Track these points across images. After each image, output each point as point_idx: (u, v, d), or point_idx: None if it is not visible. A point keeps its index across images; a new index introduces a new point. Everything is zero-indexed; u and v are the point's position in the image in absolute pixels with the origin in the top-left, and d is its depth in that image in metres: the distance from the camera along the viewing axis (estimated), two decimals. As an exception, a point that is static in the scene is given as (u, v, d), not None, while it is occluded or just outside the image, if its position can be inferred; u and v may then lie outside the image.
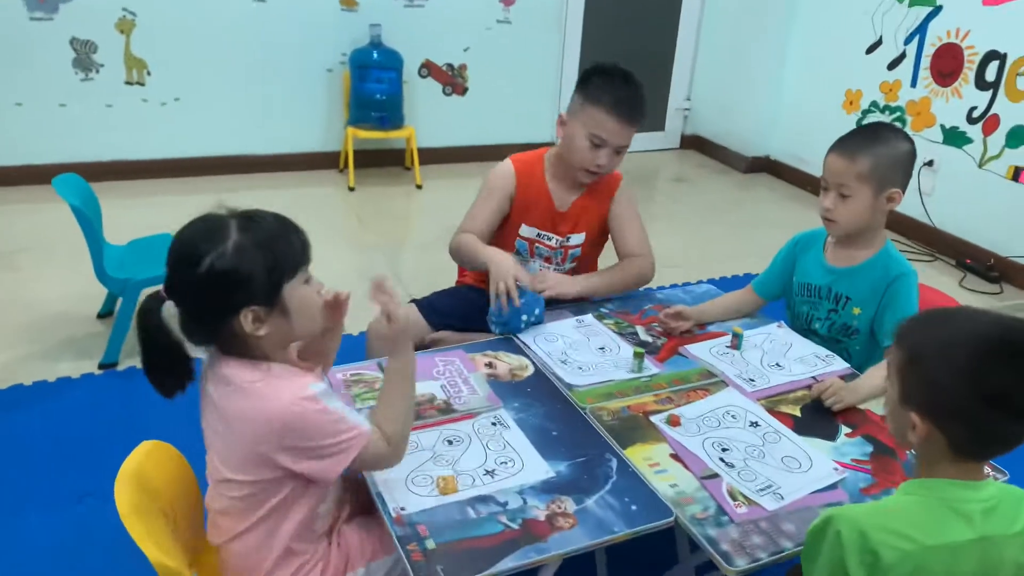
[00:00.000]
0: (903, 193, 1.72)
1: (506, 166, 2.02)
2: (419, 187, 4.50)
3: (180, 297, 1.16)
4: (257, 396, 1.17)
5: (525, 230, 2.02)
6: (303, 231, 1.25)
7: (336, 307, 1.38)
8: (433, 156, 4.75)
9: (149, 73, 4.10)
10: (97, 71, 4.00)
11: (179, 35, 4.08)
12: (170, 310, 1.17)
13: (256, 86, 4.33)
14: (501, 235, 2.06)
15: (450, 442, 1.41)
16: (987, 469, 1.12)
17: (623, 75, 1.91)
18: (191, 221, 1.19)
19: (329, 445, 1.18)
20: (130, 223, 3.35)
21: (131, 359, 2.58)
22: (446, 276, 3.37)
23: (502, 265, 1.79)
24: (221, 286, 1.14)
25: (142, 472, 1.25)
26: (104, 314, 2.85)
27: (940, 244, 3.91)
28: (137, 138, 4.20)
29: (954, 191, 3.85)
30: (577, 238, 2.02)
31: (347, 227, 4.03)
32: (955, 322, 1.03)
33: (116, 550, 1.86)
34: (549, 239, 2.02)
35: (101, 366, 2.56)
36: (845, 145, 1.71)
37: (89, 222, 2.41)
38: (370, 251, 3.75)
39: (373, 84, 4.24)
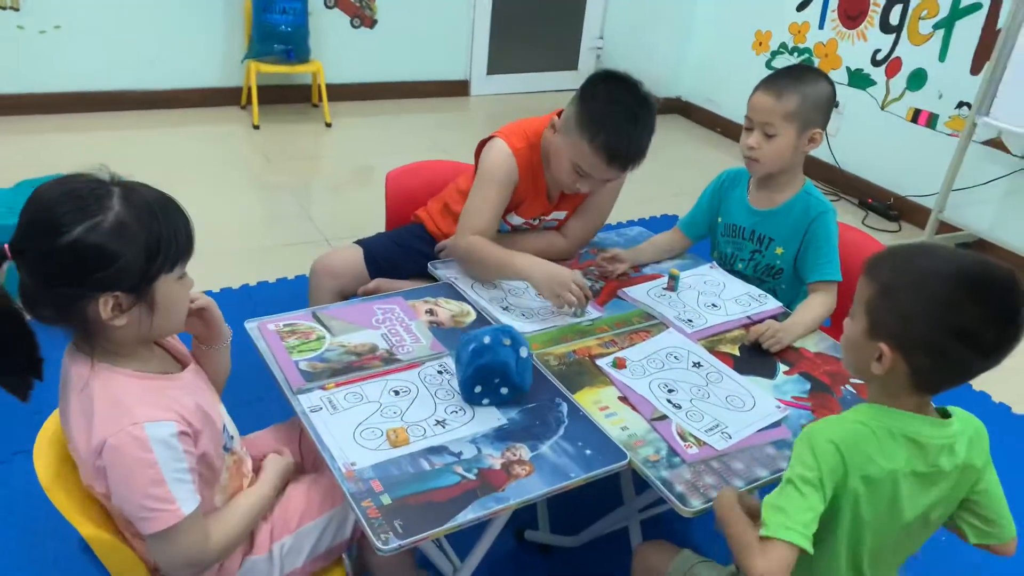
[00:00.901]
0: (823, 134, 1.74)
1: (509, 159, 1.75)
2: (328, 125, 4.31)
3: (30, 263, 0.98)
4: (89, 414, 1.03)
5: (513, 218, 1.89)
6: (190, 219, 1.08)
7: (202, 317, 1.23)
8: (342, 93, 4.55)
9: (24, -4, 3.72)
10: (-39, -7, 3.60)
11: (56, -46, 3.71)
12: None
13: (148, 14, 4.00)
14: None
15: (396, 392, 1.37)
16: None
17: (632, 108, 1.63)
18: (61, 178, 1.01)
19: (133, 503, 1.02)
20: (10, 163, 3.08)
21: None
22: (359, 216, 3.28)
23: (557, 276, 1.61)
24: (86, 262, 0.97)
25: (61, 438, 1.15)
26: (-9, 264, 2.61)
27: (844, 184, 4.07)
28: (13, 69, 3.82)
29: (857, 133, 4.00)
30: (558, 215, 1.91)
31: (253, 167, 3.83)
32: (929, 257, 1.04)
33: (22, 515, 1.76)
34: (534, 221, 1.91)
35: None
36: (772, 84, 1.71)
37: (-31, 163, 2.18)
38: (279, 191, 3.59)
39: (277, 15, 3.99)
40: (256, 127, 4.15)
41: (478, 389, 1.33)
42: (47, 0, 3.76)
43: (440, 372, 1.43)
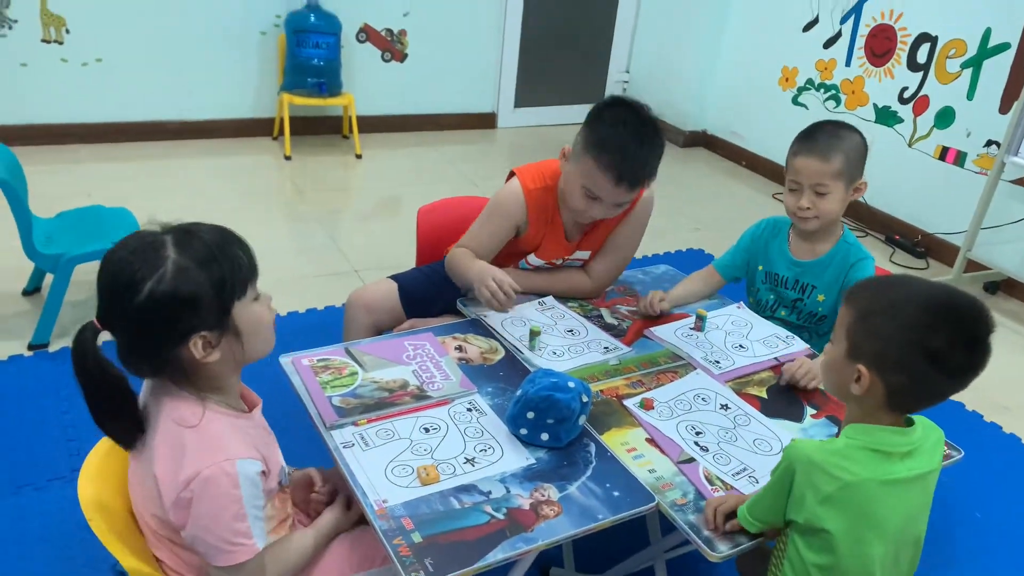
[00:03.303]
0: (866, 182, 1.80)
1: (518, 198, 1.80)
2: (358, 156, 4.39)
3: (119, 328, 1.05)
4: (180, 447, 1.07)
5: (533, 260, 1.92)
6: (247, 243, 1.14)
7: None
8: (372, 124, 4.64)
9: (68, 31, 3.84)
10: (10, 27, 3.72)
11: (101, -9, 3.83)
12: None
13: (185, 48, 4.11)
14: (506, 256, 1.92)
15: (427, 430, 1.39)
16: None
17: (637, 128, 1.67)
18: (121, 241, 1.07)
19: (214, 535, 1.07)
20: (52, 192, 3.17)
21: (63, 340, 2.45)
22: (388, 249, 3.33)
23: (480, 273, 1.68)
24: (166, 313, 1.03)
25: (106, 468, 1.19)
26: (30, 291, 2.69)
27: (871, 220, 4.06)
28: (56, 100, 3.94)
29: (885, 169, 3.99)
30: (581, 254, 1.93)
31: (284, 197, 3.91)
32: (904, 286, 1.15)
33: (57, 541, 1.79)
34: (557, 261, 1.93)
35: (31, 347, 2.41)
36: (814, 147, 1.75)
37: (17, 196, 2.25)
38: (309, 222, 3.65)
39: (311, 49, 4.08)
40: (288, 158, 4.23)
41: (530, 415, 1.34)
42: (90, 34, 3.89)
43: (469, 410, 1.45)
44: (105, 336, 1.06)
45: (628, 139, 1.65)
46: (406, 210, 3.77)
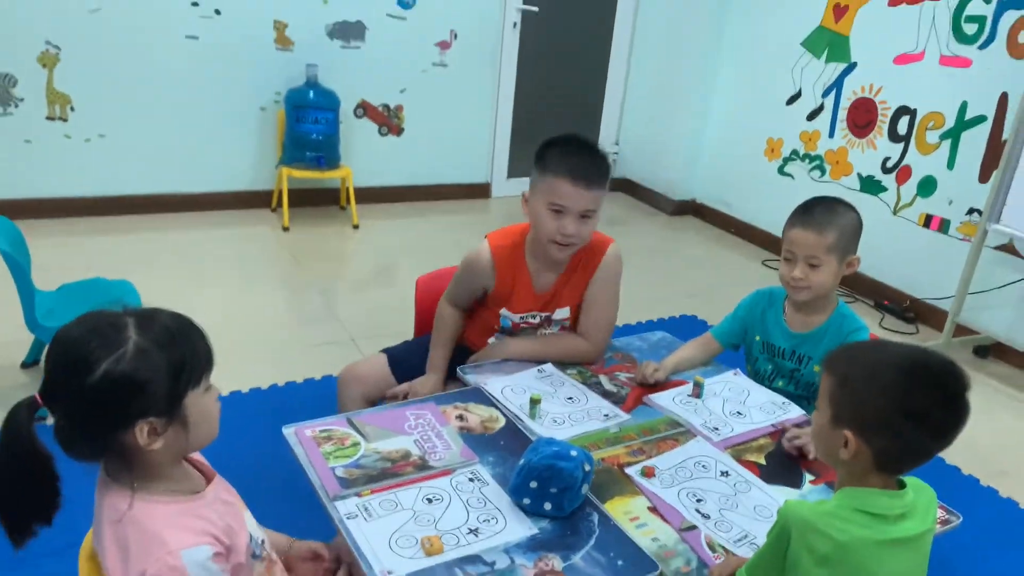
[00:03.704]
0: (859, 258, 1.86)
1: (484, 256, 1.91)
2: (356, 227, 4.46)
3: (64, 406, 1.01)
4: (124, 546, 1.04)
5: (508, 314, 1.97)
6: (206, 333, 1.11)
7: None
8: (369, 195, 4.73)
9: (73, 108, 3.94)
10: (16, 105, 3.82)
11: (107, 70, 3.95)
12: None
13: (187, 123, 4.22)
14: (485, 313, 2.02)
15: (430, 500, 1.40)
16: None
17: (578, 142, 1.83)
18: (79, 318, 1.05)
19: None
20: (55, 264, 3.20)
21: (61, 411, 2.44)
22: (385, 318, 3.37)
23: (421, 385, 1.90)
24: (117, 395, 1.00)
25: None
26: (30, 363, 2.69)
27: (860, 286, 4.13)
28: (58, 175, 4.02)
29: (872, 236, 4.01)
30: (562, 312, 1.97)
31: (282, 268, 3.96)
32: (880, 350, 1.20)
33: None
34: (534, 318, 1.98)
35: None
36: (810, 220, 1.81)
37: (20, 268, 2.29)
38: (307, 292, 3.69)
39: (310, 124, 4.20)
40: (286, 229, 4.30)
41: (533, 485, 1.35)
42: (94, 111, 3.99)
43: (472, 480, 1.46)
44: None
45: (575, 149, 1.81)
46: (403, 279, 3.82)
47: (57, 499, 1.05)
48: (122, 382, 1.00)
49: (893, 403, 1.11)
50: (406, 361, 2.03)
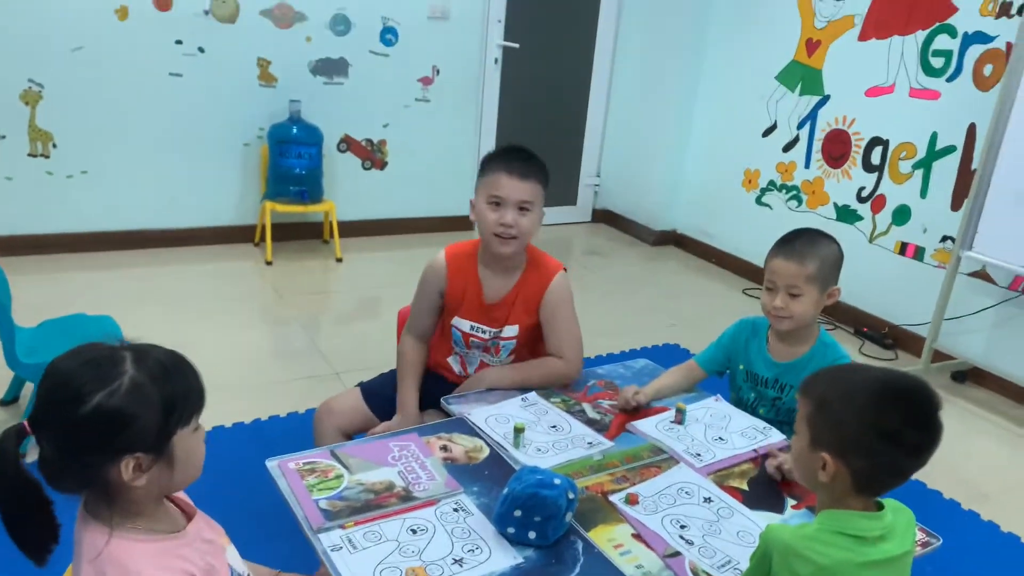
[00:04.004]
0: (839, 289, 1.90)
1: (439, 260, 2.03)
2: (339, 260, 4.48)
3: (52, 436, 1.01)
4: None
5: (459, 322, 2.02)
6: (199, 373, 1.12)
7: None
8: (352, 229, 4.75)
9: (55, 145, 3.95)
10: (-3, 142, 3.83)
11: (89, 107, 3.97)
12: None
13: (170, 159, 4.24)
14: (441, 332, 2.09)
15: (414, 531, 1.40)
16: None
17: (514, 146, 1.98)
18: (74, 350, 1.05)
19: None
20: (35, 301, 3.19)
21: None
22: (369, 351, 3.37)
23: (396, 427, 1.90)
24: (107, 428, 1.00)
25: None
26: (8, 400, 2.67)
27: (840, 314, 4.18)
28: (40, 212, 4.02)
29: (849, 264, 4.06)
30: (511, 330, 2.01)
31: (265, 302, 3.95)
32: (855, 374, 1.24)
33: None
34: (483, 332, 2.01)
35: None
36: (791, 251, 1.85)
37: (1, 305, 2.28)
38: (289, 325, 3.68)
39: (293, 159, 4.23)
40: (269, 263, 4.31)
41: (517, 513, 1.35)
42: (76, 147, 4.01)
43: (456, 510, 1.46)
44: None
45: (510, 149, 1.97)
46: (386, 312, 3.83)
47: (54, 520, 1.05)
48: (114, 415, 1.00)
49: (867, 424, 1.14)
50: (380, 394, 2.06)
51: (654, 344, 3.72)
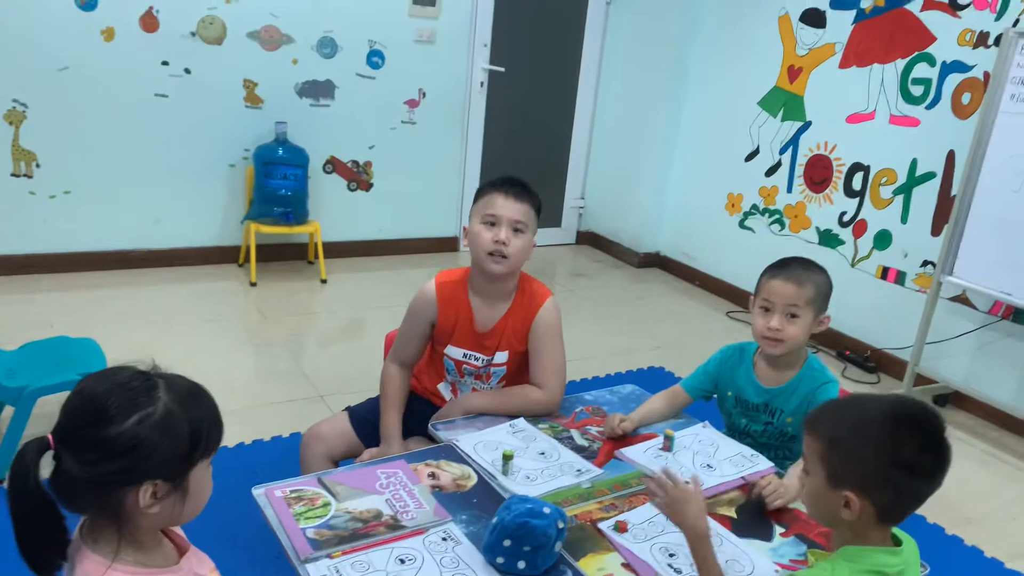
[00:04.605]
0: (829, 317, 1.92)
1: (428, 290, 2.03)
2: (324, 281, 4.46)
3: (77, 454, 1.01)
4: None
5: (451, 351, 2.03)
6: (217, 405, 1.13)
7: None
8: (337, 250, 4.74)
9: (38, 165, 3.92)
10: (-20, 162, 3.80)
11: (74, 127, 3.95)
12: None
13: (154, 180, 4.22)
14: (432, 358, 2.09)
15: (402, 561, 1.38)
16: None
17: (507, 176, 2.03)
18: (108, 371, 1.07)
19: None
20: (16, 323, 3.15)
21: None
22: (353, 373, 3.35)
23: (384, 453, 1.91)
24: (135, 452, 1.00)
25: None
26: (-13, 424, 2.62)
27: (822, 336, 4.20)
28: (22, 232, 3.97)
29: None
30: (501, 356, 2.02)
31: (248, 324, 3.93)
32: (860, 407, 1.21)
33: None
34: (476, 359, 2.02)
35: (-15, 483, 2.34)
36: (790, 273, 1.87)
37: (-18, 328, 2.25)
38: (273, 347, 3.65)
39: (278, 180, 4.22)
40: (253, 284, 4.28)
41: (507, 543, 1.34)
42: (60, 167, 3.98)
43: (444, 539, 1.45)
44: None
45: (507, 177, 2.02)
46: (371, 334, 3.81)
47: (65, 537, 1.06)
48: (144, 439, 1.01)
49: (886, 457, 1.13)
50: (367, 419, 2.05)
51: (639, 367, 3.72)
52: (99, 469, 1.01)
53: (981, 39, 3.51)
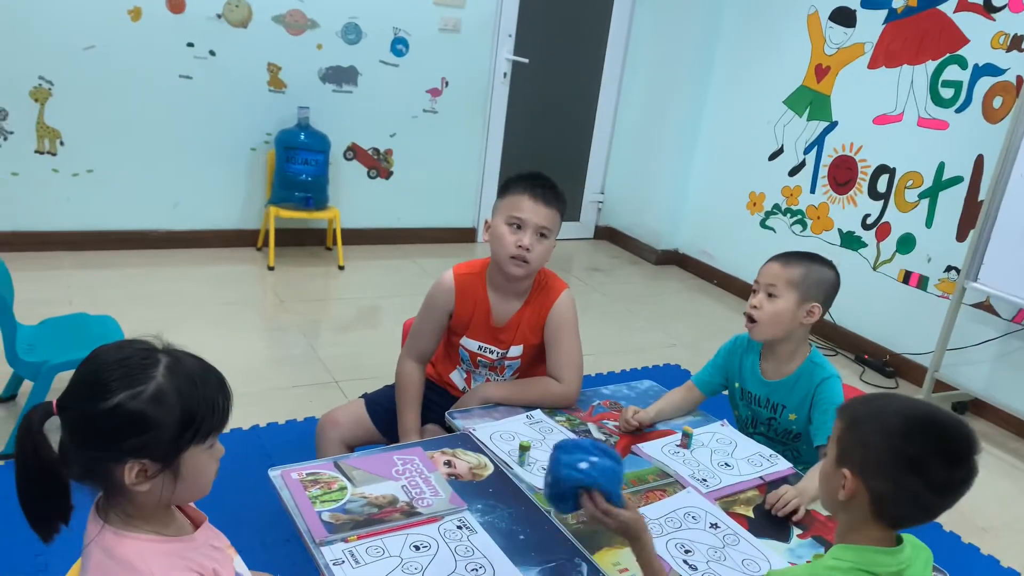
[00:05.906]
0: (823, 312, 1.87)
1: (446, 280, 2.01)
2: (341, 268, 4.46)
3: (71, 421, 1.03)
4: (85, 570, 1.03)
5: (467, 342, 2.02)
6: (231, 392, 1.11)
7: None
8: (355, 237, 4.74)
9: (62, 143, 3.94)
10: (5, 138, 3.82)
11: (98, 106, 3.97)
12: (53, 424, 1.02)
13: (176, 161, 4.23)
14: (447, 346, 2.08)
15: (417, 547, 1.38)
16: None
17: (538, 174, 2.00)
18: (118, 343, 1.07)
19: None
20: (37, 298, 3.17)
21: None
22: (368, 359, 3.35)
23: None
24: (120, 428, 1.00)
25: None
26: (6, 397, 2.64)
27: (840, 340, 4.18)
28: (44, 209, 4.00)
29: (851, 291, 4.09)
30: (516, 350, 2.01)
31: (265, 308, 3.94)
32: (892, 398, 1.21)
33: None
34: (491, 352, 2.01)
35: (3, 456, 2.36)
36: (782, 256, 1.88)
37: (3, 302, 2.26)
38: (290, 332, 3.66)
39: (299, 165, 4.22)
40: (271, 268, 4.29)
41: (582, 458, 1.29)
42: (83, 146, 4.00)
43: (460, 527, 1.45)
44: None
45: (535, 176, 1.98)
46: (387, 321, 3.82)
47: (68, 501, 1.06)
48: (130, 418, 1.00)
49: (892, 446, 1.12)
50: (383, 406, 2.04)
51: (654, 363, 3.70)
52: (85, 439, 1.02)
53: (1015, 42, 3.45)
